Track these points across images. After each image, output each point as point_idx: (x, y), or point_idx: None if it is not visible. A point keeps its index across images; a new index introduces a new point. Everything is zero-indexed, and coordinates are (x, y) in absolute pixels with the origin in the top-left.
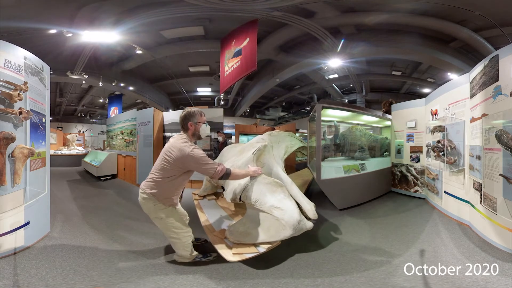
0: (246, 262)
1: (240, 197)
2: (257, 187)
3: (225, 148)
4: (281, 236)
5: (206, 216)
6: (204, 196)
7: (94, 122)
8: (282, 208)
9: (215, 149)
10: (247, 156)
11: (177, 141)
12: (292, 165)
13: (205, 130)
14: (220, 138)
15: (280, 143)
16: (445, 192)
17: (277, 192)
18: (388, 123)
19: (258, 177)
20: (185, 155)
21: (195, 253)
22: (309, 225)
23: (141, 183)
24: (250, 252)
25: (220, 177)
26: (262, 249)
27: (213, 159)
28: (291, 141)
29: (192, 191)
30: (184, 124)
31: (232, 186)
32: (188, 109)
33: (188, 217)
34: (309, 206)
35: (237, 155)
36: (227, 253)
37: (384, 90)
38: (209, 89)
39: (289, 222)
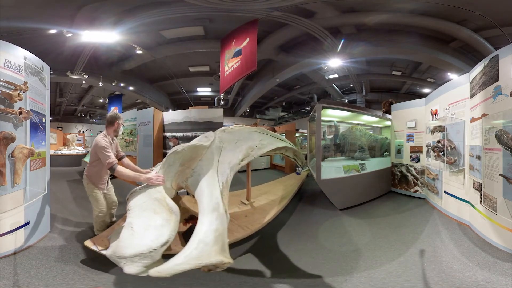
0: (244, 262)
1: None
2: (142, 197)
3: (171, 149)
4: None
5: None
6: None
7: (94, 122)
8: (134, 232)
9: None
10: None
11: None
12: (292, 166)
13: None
14: (171, 143)
15: (239, 143)
16: (445, 192)
17: (158, 214)
18: (388, 123)
19: (151, 187)
20: (94, 143)
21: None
22: (127, 270)
23: None
24: (98, 247)
25: (109, 169)
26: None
27: None
28: (261, 139)
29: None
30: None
31: None
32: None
33: (114, 206)
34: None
35: None
36: (93, 239)
37: (384, 90)
38: (209, 89)
39: (113, 248)
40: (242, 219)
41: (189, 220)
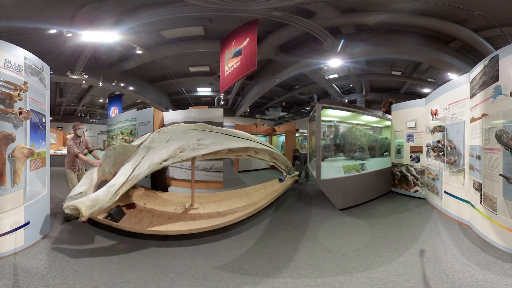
0: (244, 262)
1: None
2: (88, 172)
3: None
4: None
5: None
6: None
7: (94, 122)
8: (77, 186)
9: None
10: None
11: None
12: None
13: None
14: None
15: (170, 142)
16: (445, 192)
17: (87, 179)
18: (388, 123)
19: (93, 167)
20: (66, 144)
21: None
22: (64, 206)
23: None
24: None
25: (74, 156)
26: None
27: None
28: (201, 139)
29: None
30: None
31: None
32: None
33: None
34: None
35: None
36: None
37: (384, 90)
38: (209, 89)
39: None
40: (163, 219)
41: (129, 206)
